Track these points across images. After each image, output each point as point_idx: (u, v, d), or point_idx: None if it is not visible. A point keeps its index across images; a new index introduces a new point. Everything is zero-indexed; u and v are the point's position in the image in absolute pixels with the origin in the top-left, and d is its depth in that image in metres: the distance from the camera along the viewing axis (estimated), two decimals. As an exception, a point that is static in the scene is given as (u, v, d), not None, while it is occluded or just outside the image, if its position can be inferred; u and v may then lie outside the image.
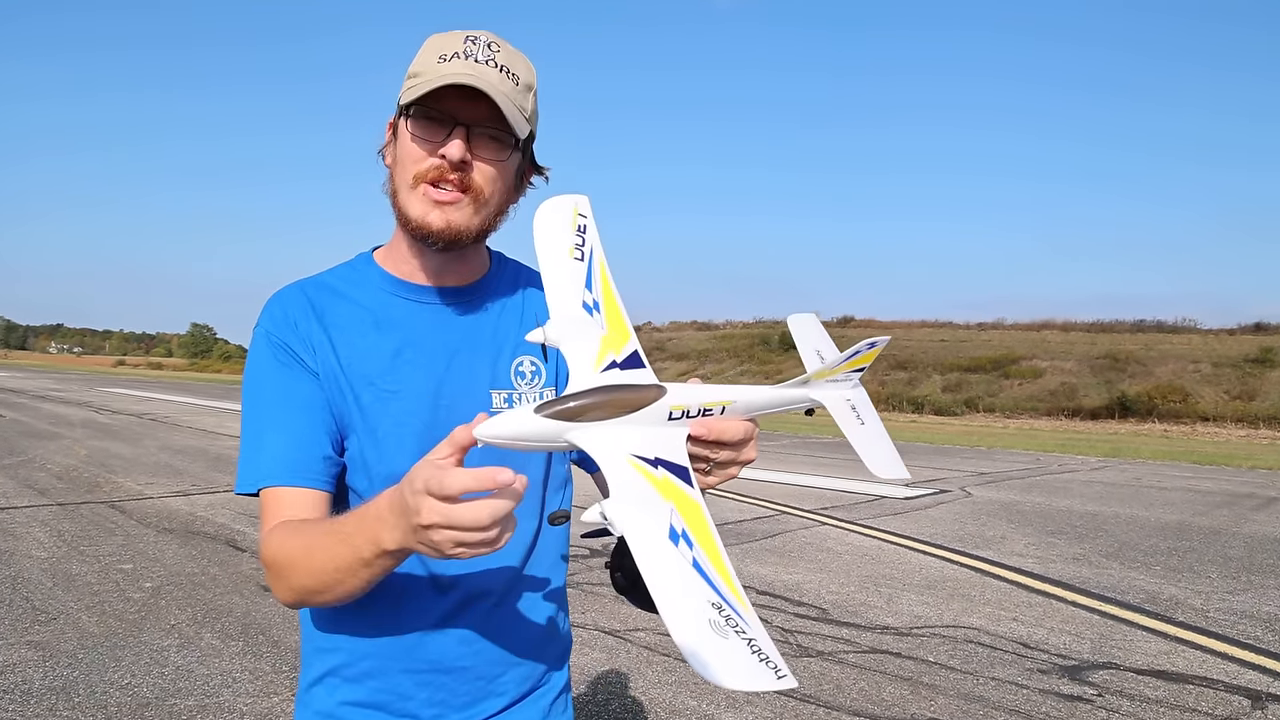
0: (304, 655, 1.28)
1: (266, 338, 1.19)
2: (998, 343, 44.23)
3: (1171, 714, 4.12)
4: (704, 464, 1.02)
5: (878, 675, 4.47)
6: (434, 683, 1.20)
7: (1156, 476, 15.44)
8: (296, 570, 1.06)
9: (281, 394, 1.16)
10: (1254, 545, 8.72)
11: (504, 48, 1.16)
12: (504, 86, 1.12)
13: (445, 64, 1.12)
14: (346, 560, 0.99)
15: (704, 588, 0.83)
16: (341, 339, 1.20)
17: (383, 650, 1.20)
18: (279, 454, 1.14)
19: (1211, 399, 34.05)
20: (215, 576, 5.85)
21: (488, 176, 1.16)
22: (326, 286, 1.25)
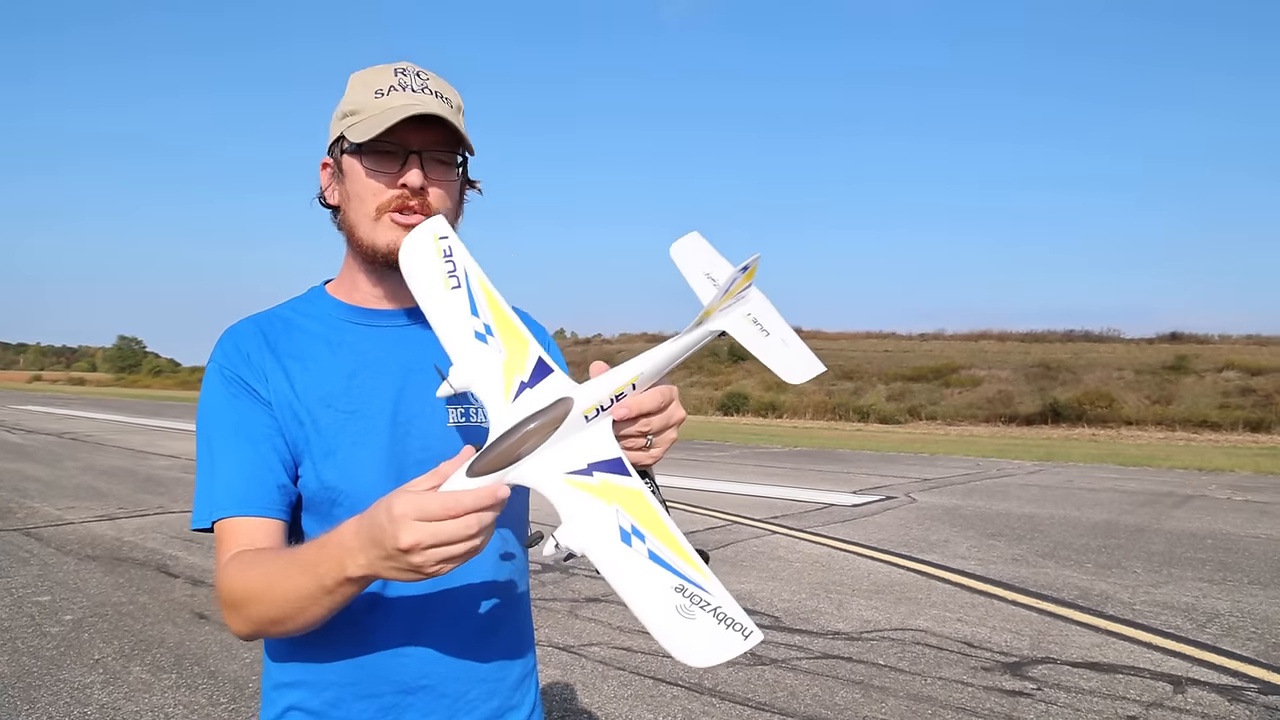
0: (264, 693, 1.25)
1: (219, 372, 1.20)
2: (939, 353, 45.19)
3: (1104, 703, 4.25)
4: (640, 439, 1.05)
5: (830, 680, 4.52)
6: (399, 705, 1.18)
7: (1086, 478, 15.90)
8: (256, 601, 1.05)
9: (233, 426, 1.16)
10: (1174, 540, 9.05)
11: (432, 76, 1.22)
12: (446, 111, 1.18)
13: (384, 98, 1.17)
14: (309, 589, 1.00)
15: (665, 575, 0.90)
16: (295, 366, 1.20)
17: (344, 678, 1.17)
18: (231, 485, 1.13)
19: (1134, 404, 35.22)
20: (145, 605, 5.65)
21: (441, 197, 1.21)
22: (280, 318, 1.26)
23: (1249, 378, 36.01)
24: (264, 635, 1.11)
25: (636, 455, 1.04)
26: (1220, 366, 37.93)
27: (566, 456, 0.98)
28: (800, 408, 38.46)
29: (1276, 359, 37.67)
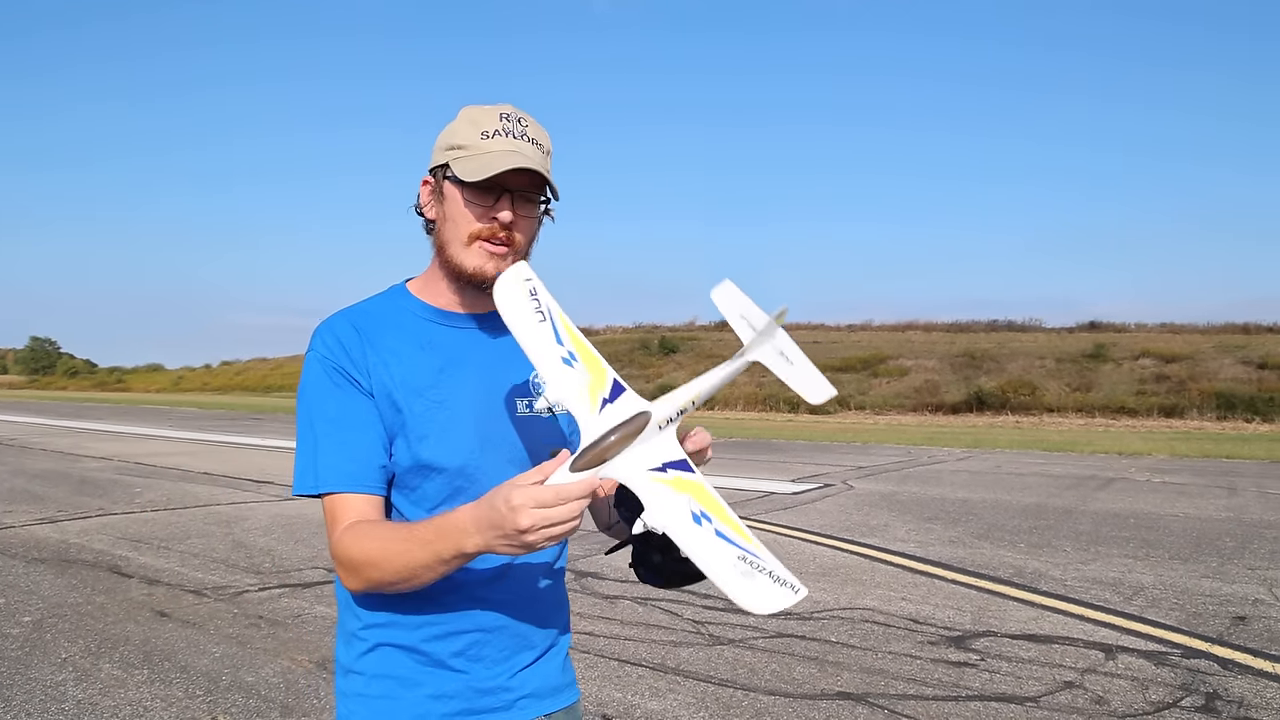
0: (347, 635, 1.44)
1: (321, 362, 1.37)
2: (867, 343, 45.95)
3: (1042, 670, 4.55)
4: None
5: (787, 657, 4.74)
6: (480, 641, 1.40)
7: (1014, 464, 16.52)
8: (373, 567, 1.27)
9: (338, 412, 1.35)
10: (1099, 520, 9.55)
11: (531, 122, 1.39)
12: (537, 156, 1.36)
13: (490, 140, 1.35)
14: (425, 560, 1.21)
15: (729, 548, 1.15)
16: (391, 359, 1.38)
17: (435, 619, 1.38)
18: (341, 465, 1.33)
19: (1055, 392, 36.39)
20: (103, 605, 5.62)
21: (524, 230, 1.40)
22: (371, 314, 1.43)
23: (1163, 365, 37.44)
24: (374, 592, 1.32)
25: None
26: (1136, 354, 39.32)
27: (646, 457, 1.21)
28: (731, 399, 38.84)
29: (1189, 346, 39.22)
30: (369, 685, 1.39)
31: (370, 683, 1.39)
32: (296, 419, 1.39)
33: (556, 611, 1.53)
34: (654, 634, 5.11)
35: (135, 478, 12.70)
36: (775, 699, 4.15)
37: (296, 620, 5.35)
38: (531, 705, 1.45)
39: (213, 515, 9.38)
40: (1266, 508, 10.61)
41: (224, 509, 9.85)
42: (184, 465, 14.64)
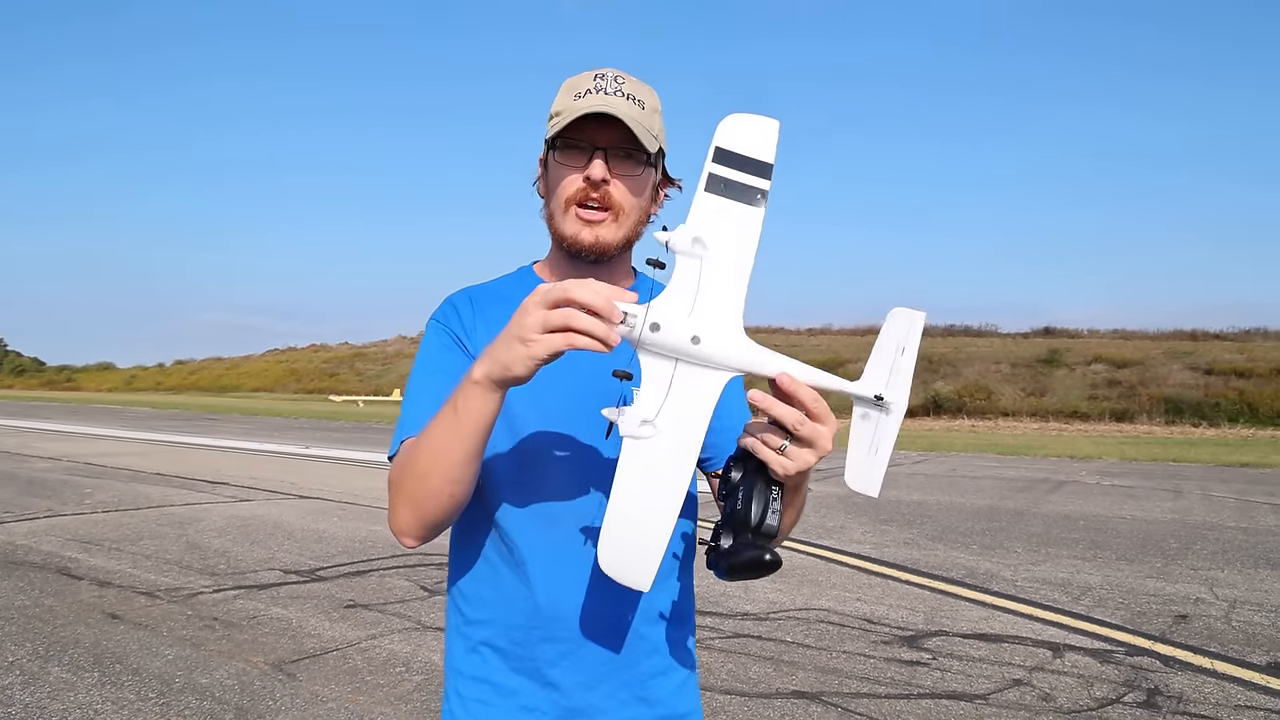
0: (454, 627, 1.39)
1: (436, 326, 1.37)
2: (826, 347, 46.28)
3: (992, 668, 4.66)
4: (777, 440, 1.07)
5: (743, 657, 4.80)
6: (576, 650, 1.30)
7: (969, 467, 16.81)
8: (411, 461, 1.18)
9: (440, 365, 1.33)
10: (1050, 522, 9.76)
11: (629, 79, 1.32)
12: (632, 111, 1.28)
13: (580, 100, 1.29)
14: (444, 423, 1.13)
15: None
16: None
17: (529, 622, 1.30)
18: (424, 414, 1.24)
19: (1010, 396, 37.05)
20: (52, 608, 5.52)
21: (624, 192, 1.31)
22: (492, 293, 1.42)
23: (1115, 370, 38.27)
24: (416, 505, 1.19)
25: (769, 454, 1.07)
26: (1089, 360, 40.14)
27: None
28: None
29: (1140, 352, 40.11)
30: (467, 687, 1.35)
31: (469, 685, 1.35)
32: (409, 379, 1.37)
33: (673, 624, 1.39)
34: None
35: (85, 478, 12.45)
36: (731, 698, 4.21)
37: (252, 622, 5.31)
38: None
39: (166, 516, 9.24)
40: (1209, 510, 10.92)
41: (177, 510, 9.70)
42: (136, 465, 14.38)
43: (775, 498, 1.10)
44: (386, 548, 7.58)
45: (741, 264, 1.12)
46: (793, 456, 1.06)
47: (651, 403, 1.08)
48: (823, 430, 1.06)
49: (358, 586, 6.24)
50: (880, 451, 1.11)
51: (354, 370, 66.98)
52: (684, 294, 1.10)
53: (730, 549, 1.10)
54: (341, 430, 26.58)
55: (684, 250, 1.10)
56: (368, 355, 71.97)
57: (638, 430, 1.08)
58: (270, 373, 74.22)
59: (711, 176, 1.12)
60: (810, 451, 1.07)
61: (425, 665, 4.59)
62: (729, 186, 1.12)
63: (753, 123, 1.14)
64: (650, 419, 1.08)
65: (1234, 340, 41.45)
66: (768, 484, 1.10)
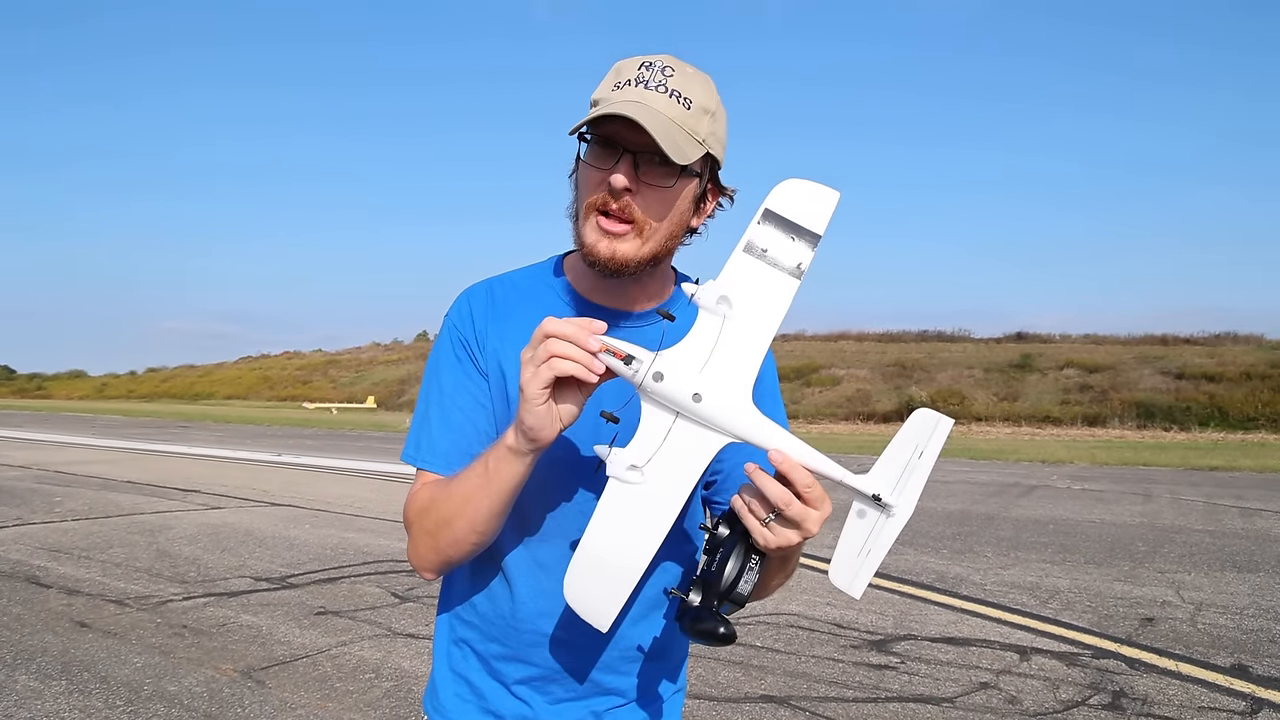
0: (445, 621, 1.39)
1: (450, 330, 1.30)
2: (800, 353, 46.44)
3: (959, 672, 4.72)
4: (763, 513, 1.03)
5: (713, 661, 4.83)
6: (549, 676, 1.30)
7: (941, 471, 16.91)
8: (435, 505, 1.19)
9: (453, 386, 1.28)
10: (1020, 527, 9.87)
11: (679, 71, 1.16)
12: (671, 112, 1.13)
13: (619, 91, 1.14)
14: (475, 478, 1.14)
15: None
16: (511, 339, 1.26)
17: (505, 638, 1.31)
18: (438, 444, 1.26)
19: (983, 401, 37.31)
20: (19, 616, 5.47)
21: (652, 203, 1.17)
22: (513, 285, 1.33)
23: (1087, 375, 38.64)
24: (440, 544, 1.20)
25: (753, 524, 1.04)
26: (1061, 365, 40.49)
27: None
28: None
29: (1111, 357, 40.51)
30: (447, 680, 1.36)
31: (449, 678, 1.36)
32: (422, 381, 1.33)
33: (655, 659, 1.35)
34: (584, 640, 5.15)
35: (55, 486, 12.30)
36: (700, 703, 4.24)
37: (221, 629, 5.28)
38: None
39: (136, 524, 9.15)
40: (1178, 513, 11.07)
41: (148, 518, 9.61)
42: (106, 474, 14.22)
43: (754, 566, 1.07)
44: (357, 555, 7.56)
45: (763, 331, 1.08)
46: (776, 532, 1.03)
47: (643, 450, 1.07)
48: (812, 515, 1.03)
49: (328, 593, 6.22)
50: (872, 554, 1.06)
51: (328, 377, 66.50)
52: (698, 350, 1.07)
53: (694, 610, 1.09)
54: (315, 437, 26.42)
55: (708, 307, 1.08)
56: (341, 362, 71.49)
57: (625, 474, 1.07)
58: (243, 380, 73.54)
59: (752, 239, 1.08)
60: (795, 532, 1.03)
61: (395, 672, 4.58)
62: (768, 252, 1.08)
63: (812, 191, 1.08)
64: (639, 465, 1.07)
65: (1204, 345, 41.96)
66: (749, 550, 1.07)
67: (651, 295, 1.31)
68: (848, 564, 1.07)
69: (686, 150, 1.13)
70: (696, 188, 1.21)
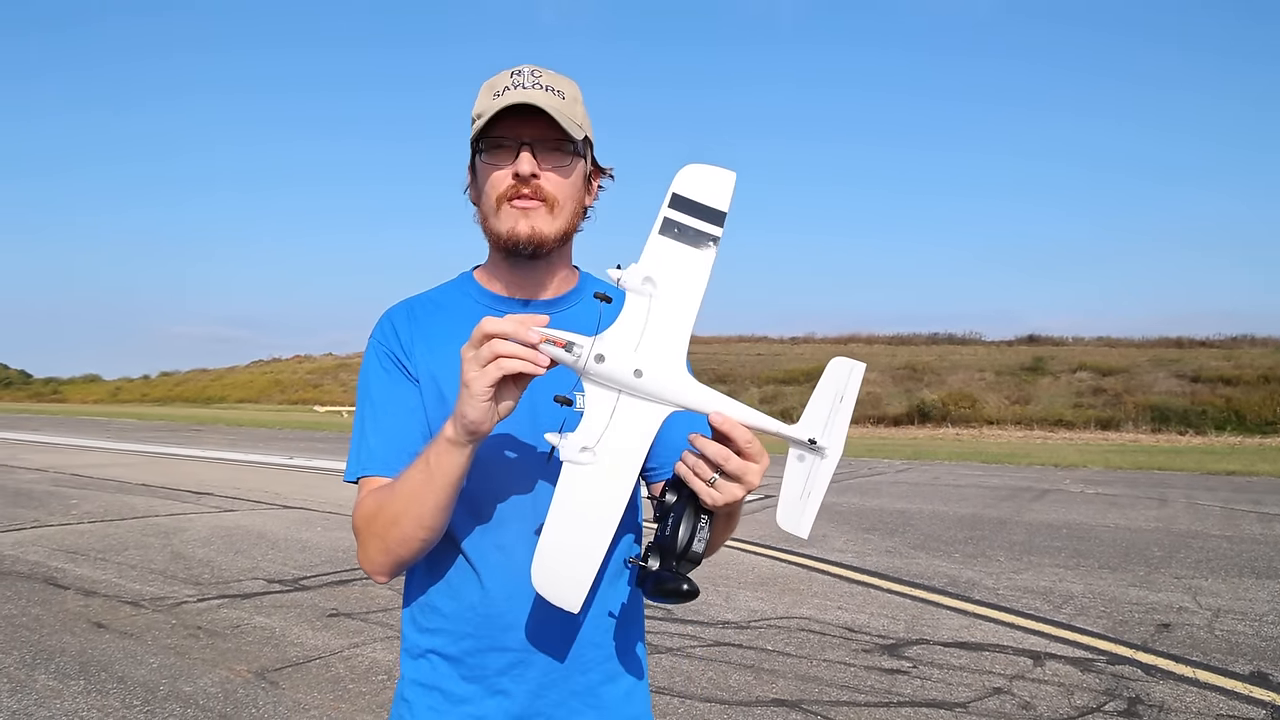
0: (406, 635, 1.42)
1: (376, 347, 1.38)
2: (809, 355, 46.42)
3: (972, 677, 4.70)
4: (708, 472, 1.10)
5: (723, 665, 4.83)
6: (524, 660, 1.33)
7: (952, 475, 16.87)
8: (381, 509, 1.24)
9: (384, 396, 1.35)
10: (1033, 531, 9.83)
11: (546, 73, 1.33)
12: (553, 102, 1.29)
13: (499, 98, 1.29)
14: (417, 476, 1.19)
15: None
16: (439, 347, 1.34)
17: (478, 631, 1.33)
18: (376, 449, 1.32)
19: (995, 404, 37.21)
20: (39, 617, 5.52)
21: (556, 183, 1.32)
22: (431, 302, 1.42)
23: (1100, 378, 38.47)
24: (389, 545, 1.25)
25: (699, 485, 1.11)
26: (1074, 368, 40.34)
27: None
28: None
29: (1125, 360, 40.33)
30: (416, 693, 1.37)
31: (418, 691, 1.37)
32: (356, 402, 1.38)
33: (621, 632, 1.41)
34: (596, 643, 5.16)
35: (71, 489, 12.40)
36: (711, 706, 4.24)
37: (236, 631, 5.31)
38: None
39: (151, 526, 9.22)
40: (1194, 518, 11.00)
41: (162, 520, 9.68)
42: (121, 476, 14.32)
43: (704, 525, 1.14)
44: (372, 557, 7.57)
45: (688, 305, 1.17)
46: (721, 489, 1.10)
47: (593, 431, 1.14)
48: (752, 467, 1.10)
49: (340, 596, 6.25)
50: (813, 495, 1.14)
51: (338, 381, 66.76)
52: (631, 329, 1.15)
53: (655, 573, 1.15)
54: (326, 441, 26.49)
55: (634, 288, 1.15)
56: (352, 366, 71.64)
57: (577, 456, 1.13)
58: (255, 384, 73.92)
59: (666, 220, 1.17)
60: (738, 486, 1.10)
61: (409, 674, 4.60)
62: (683, 231, 1.17)
63: (711, 173, 1.19)
64: (590, 446, 1.14)
65: (1220, 347, 41.72)
66: (698, 511, 1.14)
67: (561, 283, 1.43)
68: (792, 507, 1.15)
69: (574, 131, 1.29)
70: (584, 167, 1.36)
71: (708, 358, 47.26)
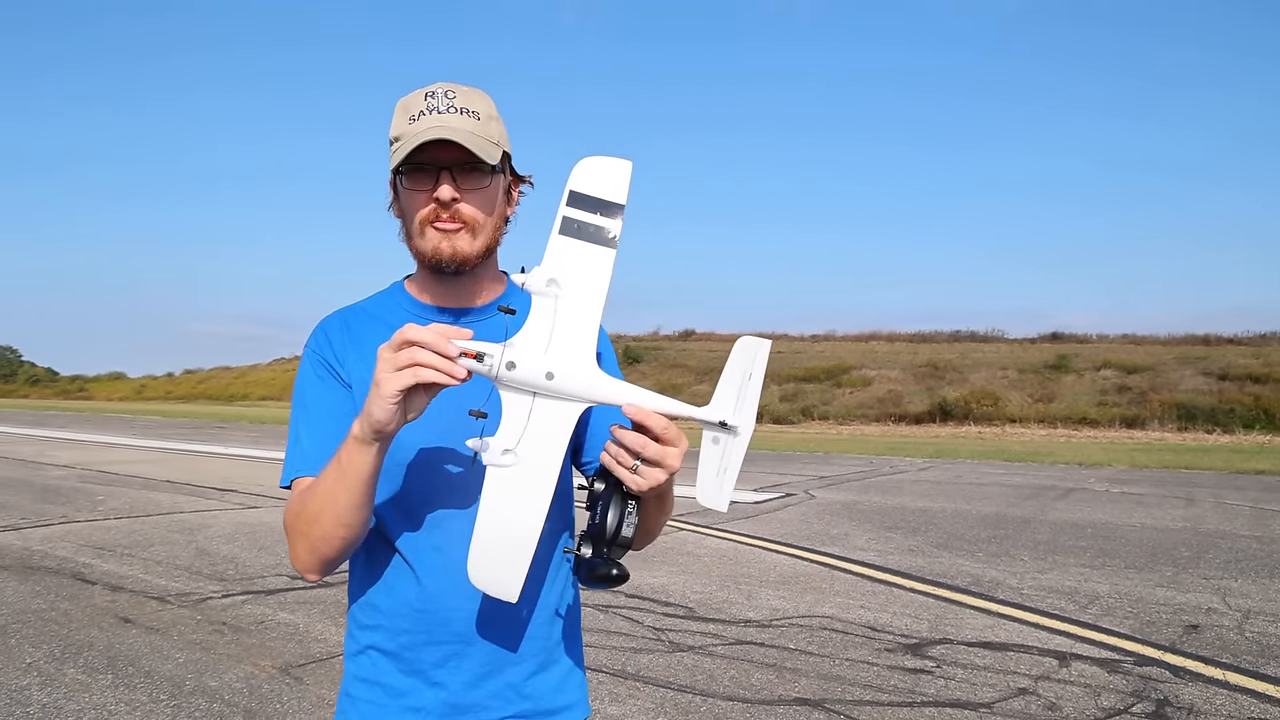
0: (349, 631, 1.46)
1: (310, 355, 1.42)
2: (830, 353, 46.22)
3: (997, 677, 4.66)
4: (630, 460, 1.14)
5: (745, 664, 4.82)
6: (460, 652, 1.37)
7: (975, 474, 16.76)
8: (303, 507, 1.27)
9: (316, 402, 1.38)
10: (1057, 530, 9.74)
11: (460, 92, 1.35)
12: (468, 126, 1.32)
13: (415, 123, 1.32)
14: (330, 476, 1.22)
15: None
16: (372, 355, 1.33)
17: (414, 626, 1.37)
18: (309, 451, 1.35)
19: (1018, 402, 36.89)
20: (67, 612, 5.59)
21: (476, 205, 1.35)
22: (364, 312, 1.46)
23: (1125, 376, 38.07)
24: (315, 544, 1.27)
25: (624, 473, 1.15)
26: (1098, 365, 39.96)
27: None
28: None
29: (1150, 358, 39.89)
30: (358, 689, 1.40)
31: (359, 686, 1.41)
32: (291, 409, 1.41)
33: (554, 622, 1.46)
34: (614, 640, 5.17)
35: (98, 486, 12.55)
36: (733, 704, 4.23)
37: (260, 627, 5.35)
38: None
39: (176, 523, 9.31)
40: (1222, 518, 10.86)
41: (187, 517, 9.78)
42: (147, 473, 14.48)
43: (631, 510, 1.18)
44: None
45: (593, 302, 1.19)
46: (644, 475, 1.15)
47: (512, 434, 1.17)
48: (670, 451, 1.15)
49: (366, 593, 6.28)
50: (728, 471, 1.19)
51: (362, 378, 67.08)
52: (540, 332, 1.18)
53: (589, 560, 1.19)
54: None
55: (539, 290, 1.18)
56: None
57: (500, 459, 1.17)
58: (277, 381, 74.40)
59: (565, 219, 1.19)
60: (659, 470, 1.15)
61: (432, 671, 4.62)
62: (582, 229, 1.19)
63: (606, 165, 1.21)
64: (511, 448, 1.17)
65: (1249, 345, 41.18)
66: (625, 498, 1.18)
67: (488, 291, 1.47)
68: (709, 484, 1.19)
69: (490, 152, 1.33)
70: (503, 181, 1.40)
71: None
